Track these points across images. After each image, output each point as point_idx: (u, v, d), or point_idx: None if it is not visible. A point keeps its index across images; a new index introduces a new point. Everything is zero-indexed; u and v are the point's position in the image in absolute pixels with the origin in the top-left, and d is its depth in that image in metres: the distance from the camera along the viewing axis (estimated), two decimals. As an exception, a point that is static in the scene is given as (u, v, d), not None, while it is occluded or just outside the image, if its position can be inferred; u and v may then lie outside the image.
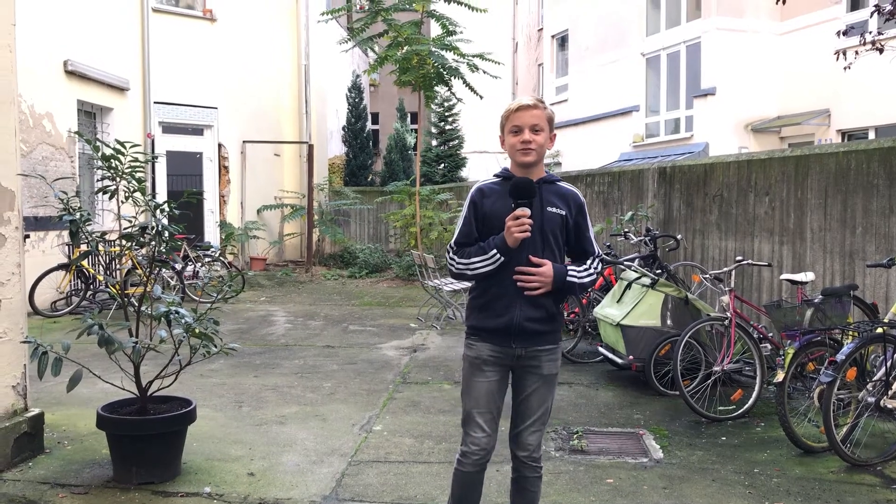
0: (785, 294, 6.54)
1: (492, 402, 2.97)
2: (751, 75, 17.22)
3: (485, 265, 2.87)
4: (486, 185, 2.99)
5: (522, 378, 2.99)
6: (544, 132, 2.90)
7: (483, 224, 2.93)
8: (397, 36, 13.64)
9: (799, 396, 5.40)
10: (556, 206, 2.93)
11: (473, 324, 3.00)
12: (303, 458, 4.54)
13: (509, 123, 2.92)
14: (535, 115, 2.88)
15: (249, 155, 15.77)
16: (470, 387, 2.99)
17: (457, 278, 3.03)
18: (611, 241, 8.84)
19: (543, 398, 3.00)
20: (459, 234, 2.97)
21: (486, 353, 2.95)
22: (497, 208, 2.89)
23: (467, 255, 2.91)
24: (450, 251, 2.98)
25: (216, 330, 4.25)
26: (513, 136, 2.90)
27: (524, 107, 2.89)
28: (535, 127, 2.88)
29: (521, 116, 2.88)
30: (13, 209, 4.43)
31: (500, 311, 2.90)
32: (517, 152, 2.90)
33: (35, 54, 9.87)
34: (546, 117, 2.91)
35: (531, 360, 2.95)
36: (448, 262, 2.99)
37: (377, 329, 9.29)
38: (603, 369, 7.00)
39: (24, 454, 4.40)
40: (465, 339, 3.06)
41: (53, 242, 10.41)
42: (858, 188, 6.01)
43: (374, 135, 26.86)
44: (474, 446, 2.96)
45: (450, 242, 3.00)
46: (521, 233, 2.78)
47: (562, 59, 24.36)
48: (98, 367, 4.63)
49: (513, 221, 2.78)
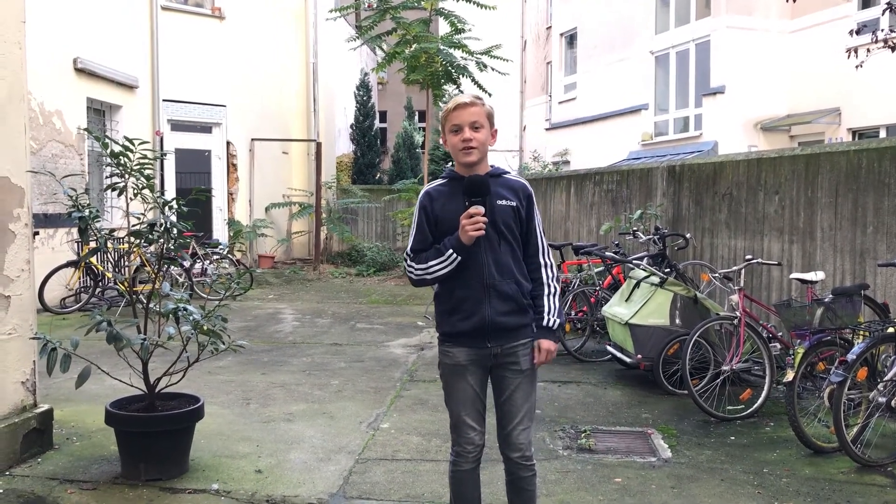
0: (795, 293, 6.50)
1: (478, 402, 2.97)
2: (760, 73, 17.13)
3: (442, 266, 2.86)
4: (434, 189, 2.99)
5: (503, 377, 2.97)
6: (485, 128, 2.90)
7: (436, 227, 2.92)
8: (406, 34, 13.62)
9: (809, 396, 5.37)
10: (506, 199, 2.93)
11: (446, 330, 2.98)
12: (310, 456, 4.55)
13: (448, 123, 2.91)
14: (474, 112, 2.88)
15: (258, 153, 15.80)
16: (453, 393, 2.99)
17: (418, 285, 3.00)
18: (619, 240, 8.82)
19: (527, 394, 2.98)
20: (414, 241, 2.96)
21: (464, 358, 2.93)
22: (448, 210, 2.89)
23: (424, 260, 2.90)
24: (407, 259, 2.98)
25: (224, 327, 4.25)
26: (453, 135, 2.90)
27: (462, 105, 2.89)
28: (474, 124, 2.87)
29: (460, 115, 2.88)
30: (23, 206, 4.44)
31: (470, 312, 2.89)
32: (459, 152, 2.89)
33: (45, 52, 9.91)
34: (485, 113, 2.91)
35: (508, 357, 2.94)
36: (406, 270, 2.99)
37: (384, 327, 9.30)
38: (611, 368, 6.98)
39: (33, 450, 4.41)
40: (438, 345, 3.04)
41: (63, 239, 10.45)
42: (869, 187, 5.96)
43: (382, 133, 26.87)
44: (469, 444, 2.97)
45: (405, 251, 3.00)
46: (475, 231, 2.78)
47: (570, 57, 24.30)
48: (107, 364, 4.64)
49: (467, 220, 2.78)
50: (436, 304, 3.04)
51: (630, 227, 8.47)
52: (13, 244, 4.38)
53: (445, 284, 2.94)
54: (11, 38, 4.39)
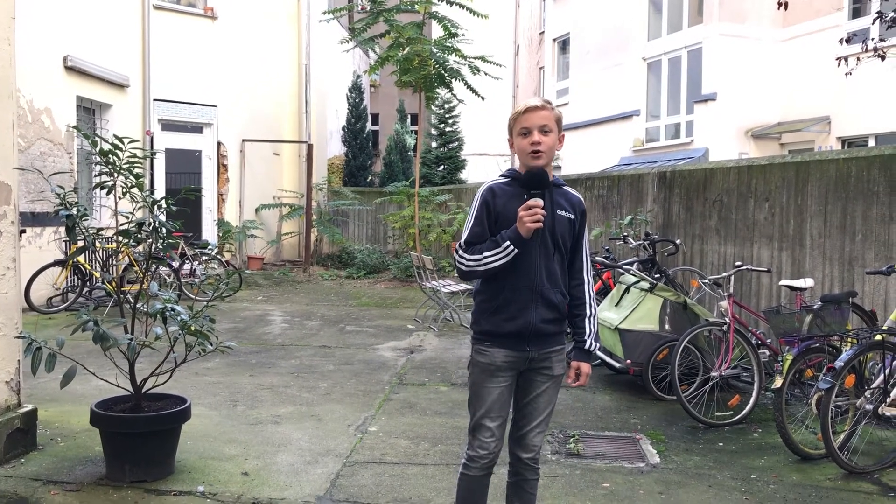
0: (784, 300, 6.52)
1: (503, 408, 2.94)
2: (752, 81, 17.22)
3: (498, 258, 2.80)
4: (497, 185, 2.94)
5: (532, 379, 2.95)
6: (553, 133, 2.87)
7: (496, 224, 2.88)
8: (399, 37, 13.62)
9: (797, 403, 5.39)
10: (565, 210, 2.93)
11: (486, 328, 2.92)
12: (297, 458, 4.52)
13: (518, 125, 2.88)
14: (544, 115, 2.85)
15: (248, 154, 15.75)
16: (481, 393, 2.93)
17: (466, 277, 2.94)
18: (610, 245, 8.83)
19: (550, 399, 2.98)
20: (470, 234, 2.90)
21: (501, 359, 2.89)
22: (509, 208, 2.85)
23: (478, 251, 2.84)
24: (459, 250, 2.91)
25: (212, 328, 4.22)
26: (522, 138, 2.87)
27: (532, 108, 2.85)
28: (544, 128, 2.84)
29: (530, 118, 2.84)
30: (9, 203, 4.40)
31: (515, 314, 2.85)
32: (527, 155, 2.86)
33: (35, 49, 9.85)
34: (555, 118, 2.88)
35: (543, 362, 2.93)
36: (457, 261, 2.91)
37: (374, 330, 9.27)
38: (600, 373, 6.98)
39: (17, 450, 4.37)
40: (473, 343, 2.99)
41: (50, 238, 10.38)
42: (858, 195, 5.99)
43: (374, 135, 26.82)
44: (483, 450, 2.92)
45: (459, 242, 2.93)
46: (533, 223, 2.74)
47: (563, 62, 24.36)
48: (93, 364, 4.60)
49: (525, 212, 2.74)
50: (477, 301, 2.98)
51: (620, 233, 8.49)
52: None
53: (492, 283, 2.89)
54: (1, 34, 4.35)
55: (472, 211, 2.93)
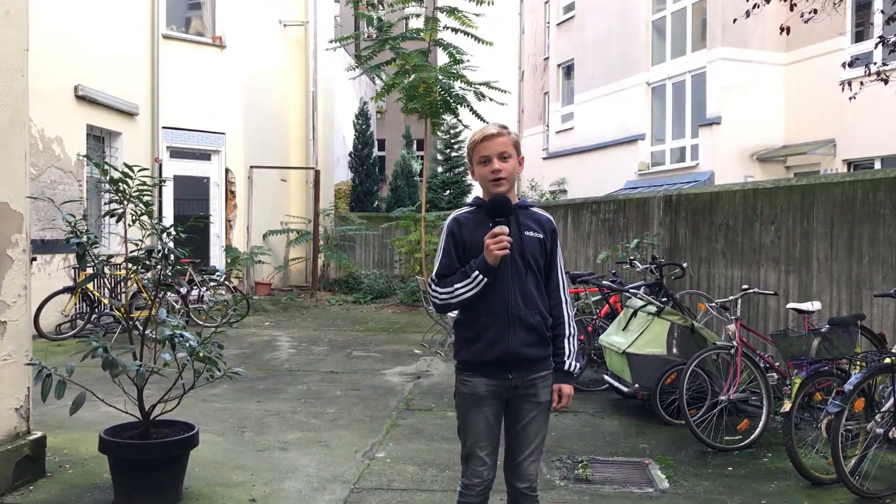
0: (791, 323, 6.50)
1: (493, 436, 2.93)
2: (756, 105, 17.30)
3: (469, 289, 2.82)
4: (462, 215, 2.96)
5: (519, 407, 2.93)
6: (513, 158, 2.88)
7: (464, 253, 2.89)
8: (405, 64, 13.75)
9: (806, 427, 5.35)
10: (533, 231, 2.93)
11: (466, 358, 2.93)
12: (305, 485, 4.51)
13: (477, 154, 2.90)
14: (502, 142, 2.86)
15: (256, 180, 15.86)
16: (468, 424, 2.94)
17: (441, 310, 2.96)
18: (616, 269, 8.83)
19: (541, 426, 2.95)
20: (440, 267, 2.92)
21: (483, 389, 2.89)
22: (475, 236, 2.86)
23: (449, 284, 2.87)
24: (431, 283, 2.93)
25: (220, 354, 4.24)
26: (482, 166, 2.89)
27: (490, 136, 2.87)
28: (503, 154, 2.86)
29: (489, 146, 2.86)
30: (21, 232, 4.45)
31: (493, 341, 2.85)
32: (489, 183, 2.87)
33: (46, 79, 9.98)
34: (512, 143, 2.89)
35: (528, 389, 2.90)
36: (431, 295, 2.93)
37: (381, 355, 9.26)
38: (608, 398, 6.95)
39: (26, 477, 4.37)
40: (456, 374, 2.99)
41: (59, 265, 10.44)
42: (865, 218, 6.00)
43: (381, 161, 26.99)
44: (476, 479, 2.92)
45: (430, 276, 2.95)
46: (500, 250, 2.75)
47: (567, 87, 24.53)
48: (101, 391, 4.61)
49: (491, 239, 2.76)
50: (456, 331, 2.99)
51: (627, 256, 8.49)
52: (10, 270, 4.38)
53: (469, 312, 2.90)
54: (14, 65, 4.43)
55: (441, 243, 2.95)
